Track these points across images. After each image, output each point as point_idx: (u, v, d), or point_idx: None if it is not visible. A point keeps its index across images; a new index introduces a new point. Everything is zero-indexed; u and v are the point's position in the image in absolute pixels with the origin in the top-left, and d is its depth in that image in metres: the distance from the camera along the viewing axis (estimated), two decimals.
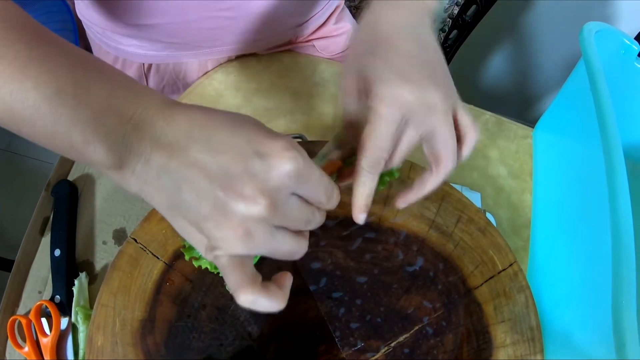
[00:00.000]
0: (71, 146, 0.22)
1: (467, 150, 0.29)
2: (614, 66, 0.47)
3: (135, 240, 0.35)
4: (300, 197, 0.23)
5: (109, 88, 0.22)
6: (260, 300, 0.22)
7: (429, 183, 0.29)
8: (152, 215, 0.36)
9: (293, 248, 0.23)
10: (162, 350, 0.33)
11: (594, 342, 0.35)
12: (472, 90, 1.02)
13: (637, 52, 0.46)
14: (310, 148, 0.39)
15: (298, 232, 0.24)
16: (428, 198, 0.38)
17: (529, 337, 0.37)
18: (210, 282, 0.34)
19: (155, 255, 0.35)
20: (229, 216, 0.21)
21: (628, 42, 0.46)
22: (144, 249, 0.35)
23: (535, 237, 0.45)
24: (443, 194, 0.39)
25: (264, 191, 0.21)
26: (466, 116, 0.29)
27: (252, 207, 0.21)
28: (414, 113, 0.27)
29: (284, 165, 0.21)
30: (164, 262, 0.34)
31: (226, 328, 0.33)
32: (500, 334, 0.36)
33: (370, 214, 0.38)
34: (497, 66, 0.95)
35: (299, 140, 0.40)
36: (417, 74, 0.27)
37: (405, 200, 0.31)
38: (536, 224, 0.46)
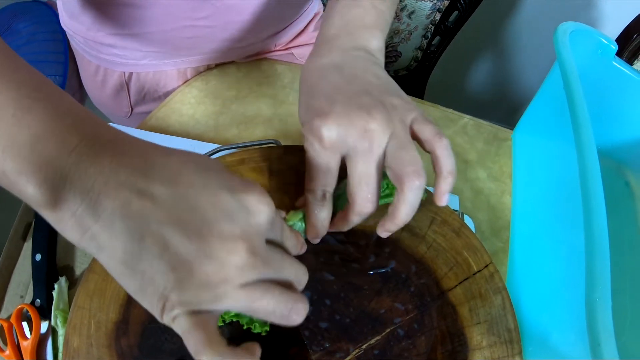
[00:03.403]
0: (3, 174, 0.19)
1: (445, 162, 0.28)
2: (591, 66, 0.47)
3: None
4: (279, 247, 0.23)
5: (55, 112, 0.19)
6: None
7: (400, 206, 0.28)
8: None
9: (276, 303, 0.21)
10: (135, 351, 0.33)
11: (572, 343, 0.34)
12: (455, 96, 1.03)
13: (615, 52, 0.46)
14: (284, 152, 0.39)
15: (285, 289, 0.22)
16: None
17: (506, 339, 0.37)
18: None
19: None
20: (202, 265, 0.19)
21: (605, 42, 0.46)
22: None
23: (515, 238, 0.45)
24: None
25: (243, 236, 0.20)
26: (427, 127, 0.28)
27: (233, 253, 0.19)
28: (349, 146, 0.27)
29: (263, 213, 0.21)
30: None
31: None
32: (476, 336, 0.36)
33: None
34: (480, 71, 0.96)
35: (274, 145, 0.40)
36: (339, 108, 0.27)
37: (385, 228, 0.31)
38: (516, 225, 0.45)
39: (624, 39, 0.59)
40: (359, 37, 0.31)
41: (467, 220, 0.44)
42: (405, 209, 0.28)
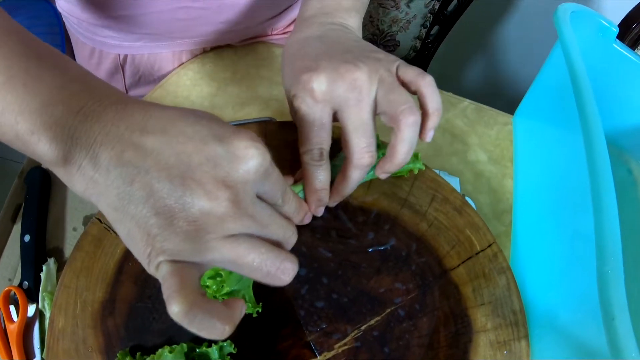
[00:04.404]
0: (17, 137, 0.20)
1: (431, 98, 0.28)
2: (592, 50, 0.46)
3: (100, 221, 0.35)
4: (270, 205, 0.22)
5: (63, 80, 0.21)
6: (197, 315, 0.18)
7: (398, 145, 0.28)
8: None
9: (262, 260, 0.20)
10: (122, 332, 0.32)
11: (581, 322, 0.33)
12: (454, 88, 1.03)
13: (616, 34, 0.46)
14: (279, 128, 0.39)
15: (273, 246, 0.21)
16: (401, 177, 0.37)
17: (511, 321, 0.35)
18: None
19: (118, 235, 0.34)
20: (183, 210, 0.19)
21: (606, 24, 0.45)
22: (108, 229, 0.34)
23: (517, 222, 0.43)
24: (416, 173, 0.38)
25: (226, 183, 0.19)
26: (409, 70, 0.28)
27: (213, 200, 0.19)
28: (340, 97, 0.27)
29: (251, 159, 0.20)
30: None
31: None
32: (481, 318, 0.35)
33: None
34: (479, 63, 0.95)
35: (269, 121, 0.39)
36: (326, 63, 0.27)
37: (383, 169, 0.31)
38: (518, 209, 0.44)
39: (623, 28, 0.59)
40: (337, 16, 0.32)
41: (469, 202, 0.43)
42: (403, 147, 0.28)
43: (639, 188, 0.50)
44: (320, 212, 0.32)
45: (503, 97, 0.91)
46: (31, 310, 0.37)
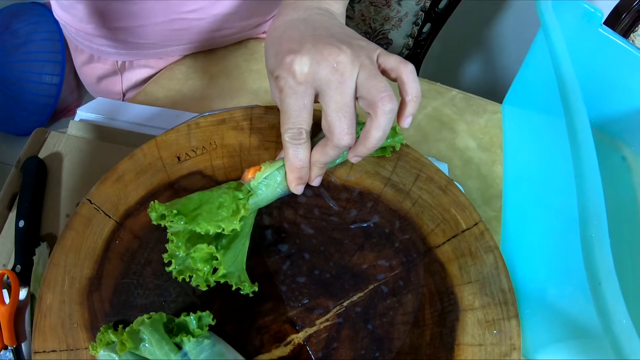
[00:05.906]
0: None
1: (411, 85, 0.29)
2: (577, 36, 0.46)
3: (90, 201, 0.36)
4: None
5: None
6: None
7: (373, 130, 0.29)
8: (108, 177, 0.36)
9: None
10: (107, 307, 0.32)
11: (570, 295, 0.32)
12: (450, 84, 1.03)
13: (602, 19, 0.46)
14: (265, 112, 0.40)
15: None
16: (384, 158, 0.38)
17: (500, 300, 0.34)
18: (157, 238, 0.34)
19: (107, 215, 0.35)
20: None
21: (591, 9, 0.45)
22: (98, 209, 0.35)
23: (507, 207, 0.43)
24: (400, 153, 0.38)
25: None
26: (390, 58, 0.29)
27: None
28: (322, 79, 0.28)
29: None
30: (115, 220, 0.35)
31: (170, 284, 0.33)
32: (468, 296, 0.34)
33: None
34: (475, 58, 0.96)
35: (255, 106, 0.40)
36: (309, 45, 0.28)
37: (355, 152, 0.31)
38: (507, 194, 0.44)
39: (613, 19, 0.59)
40: (322, 1, 0.33)
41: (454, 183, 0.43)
42: (377, 133, 0.28)
43: (633, 175, 0.49)
44: (300, 190, 0.32)
45: (498, 93, 0.91)
46: (23, 293, 0.38)
